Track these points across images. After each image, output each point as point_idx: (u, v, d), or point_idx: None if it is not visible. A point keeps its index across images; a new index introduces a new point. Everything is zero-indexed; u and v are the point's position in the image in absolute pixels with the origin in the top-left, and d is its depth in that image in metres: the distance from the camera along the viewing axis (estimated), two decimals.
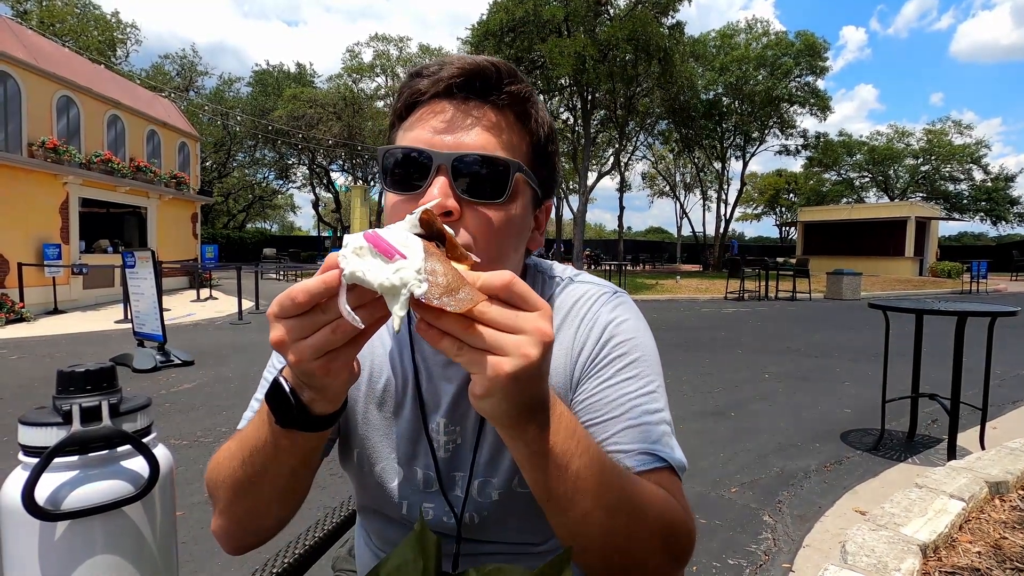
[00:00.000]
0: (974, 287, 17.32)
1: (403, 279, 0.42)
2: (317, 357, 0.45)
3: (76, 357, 6.19)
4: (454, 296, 0.42)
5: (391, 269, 0.42)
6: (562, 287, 0.73)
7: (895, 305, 3.24)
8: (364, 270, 0.43)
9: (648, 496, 0.56)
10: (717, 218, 32.51)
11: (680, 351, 6.59)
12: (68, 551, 0.47)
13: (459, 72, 0.58)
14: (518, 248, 0.65)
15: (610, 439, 0.62)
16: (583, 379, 0.67)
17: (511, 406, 0.45)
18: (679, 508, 0.60)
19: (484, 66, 0.58)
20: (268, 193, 41.21)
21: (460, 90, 0.58)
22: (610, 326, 0.68)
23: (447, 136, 0.58)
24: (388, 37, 33.62)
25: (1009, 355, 6.12)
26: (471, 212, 0.58)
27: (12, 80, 9.78)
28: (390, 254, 0.43)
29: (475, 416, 0.69)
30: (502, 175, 0.58)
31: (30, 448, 0.49)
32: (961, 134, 38.26)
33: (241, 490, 0.61)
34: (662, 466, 0.62)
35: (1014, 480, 2.32)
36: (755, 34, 29.74)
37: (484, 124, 0.58)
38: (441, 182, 0.56)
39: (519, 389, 0.44)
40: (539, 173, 0.65)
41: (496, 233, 0.59)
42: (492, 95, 0.59)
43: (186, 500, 2.63)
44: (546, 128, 0.64)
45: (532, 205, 0.66)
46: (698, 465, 3.14)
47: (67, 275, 10.69)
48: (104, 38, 28.39)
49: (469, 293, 0.42)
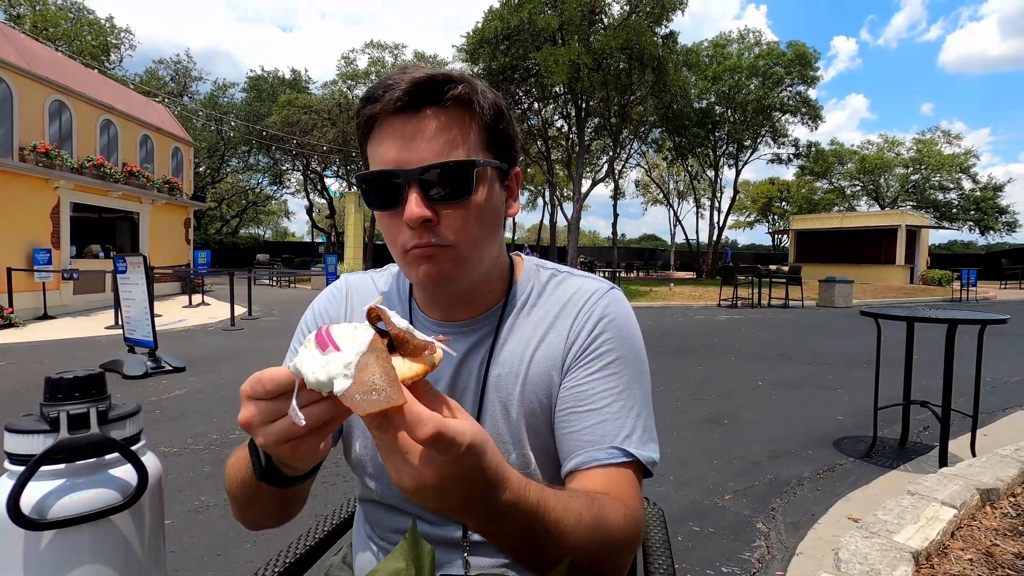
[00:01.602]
0: (964, 295, 17.48)
1: (329, 373, 0.42)
2: (282, 443, 0.47)
3: (66, 363, 6.12)
4: (369, 395, 0.41)
5: (321, 362, 0.43)
6: (560, 281, 0.79)
7: (886, 313, 3.26)
8: (302, 362, 0.44)
9: (606, 527, 0.60)
10: (710, 226, 32.70)
11: (674, 358, 6.60)
12: (54, 561, 0.47)
13: (405, 90, 0.62)
14: (496, 223, 0.70)
15: (586, 429, 0.68)
16: (572, 367, 0.72)
17: (434, 507, 0.47)
18: (628, 511, 0.63)
19: (423, 80, 0.63)
20: (262, 199, 41.05)
21: (409, 106, 0.63)
22: (602, 321, 0.73)
23: (409, 151, 0.63)
24: (383, 44, 33.69)
25: (999, 363, 6.16)
26: (447, 214, 0.64)
27: (4, 84, 9.73)
28: (324, 346, 0.44)
29: (474, 407, 0.73)
30: (464, 175, 0.64)
31: (16, 456, 0.48)
32: (951, 144, 38.76)
33: (239, 503, 0.67)
34: (628, 460, 0.67)
35: (1005, 487, 2.33)
36: (747, 44, 30.05)
37: (435, 131, 0.63)
38: (413, 197, 0.62)
39: (435, 496, 0.45)
40: (496, 150, 0.68)
41: (472, 224, 0.65)
42: (436, 102, 0.63)
43: (175, 508, 2.60)
44: (493, 109, 0.67)
45: (499, 181, 0.70)
46: (691, 472, 3.14)
47: (57, 280, 10.59)
48: (98, 43, 28.27)
49: (387, 395, 0.41)
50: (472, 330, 0.76)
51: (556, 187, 29.55)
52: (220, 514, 2.57)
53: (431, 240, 0.64)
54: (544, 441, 0.73)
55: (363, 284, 0.86)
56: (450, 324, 0.76)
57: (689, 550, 2.32)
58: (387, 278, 0.85)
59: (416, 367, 0.45)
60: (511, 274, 0.79)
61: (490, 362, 0.74)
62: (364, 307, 0.48)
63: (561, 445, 0.71)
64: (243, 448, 0.66)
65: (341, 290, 0.86)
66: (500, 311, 0.76)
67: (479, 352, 0.75)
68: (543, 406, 0.73)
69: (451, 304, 0.76)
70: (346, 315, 0.82)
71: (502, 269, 0.78)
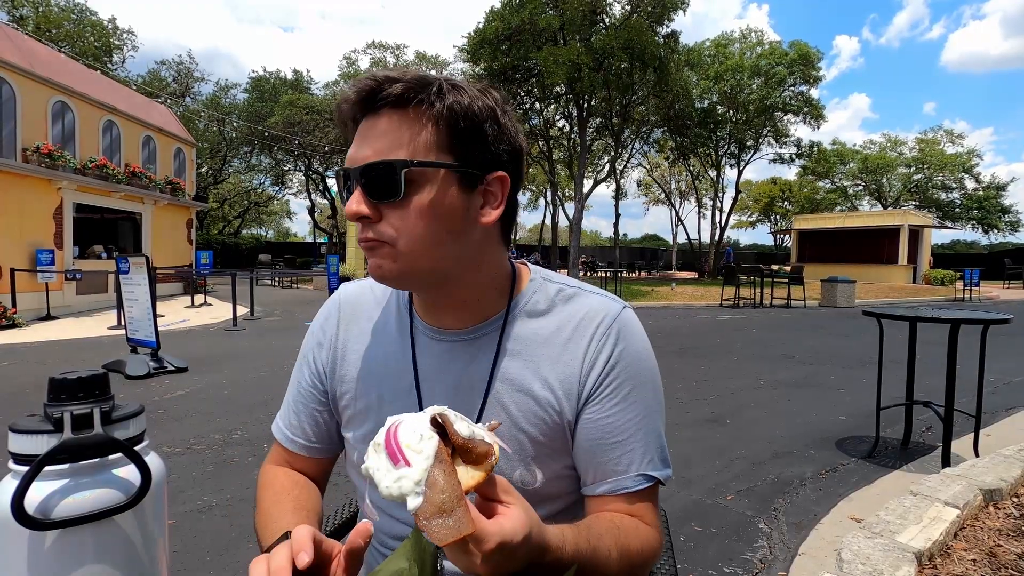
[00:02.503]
0: (967, 295, 17.43)
1: (401, 490, 0.45)
2: None
3: (68, 363, 6.14)
4: (442, 520, 0.45)
5: (393, 476, 0.46)
6: (569, 297, 0.78)
7: (889, 312, 3.25)
8: (375, 469, 0.48)
9: (634, 554, 0.68)
10: (712, 225, 32.66)
11: (676, 358, 6.60)
12: (58, 561, 0.47)
13: (352, 99, 0.67)
14: (453, 226, 0.67)
15: (613, 460, 0.72)
16: (592, 398, 0.73)
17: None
18: (650, 533, 0.72)
19: (366, 85, 0.66)
20: (264, 199, 41.12)
21: (360, 112, 0.67)
22: (617, 350, 0.74)
23: (359, 150, 0.66)
24: (385, 44, 33.77)
25: (1002, 363, 6.14)
26: (388, 212, 0.65)
27: (7, 85, 9.76)
28: (396, 459, 0.47)
29: (475, 416, 0.73)
30: (392, 176, 0.64)
31: (20, 456, 0.49)
32: (953, 143, 38.68)
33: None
34: (652, 484, 0.73)
35: (1008, 487, 2.33)
36: (749, 43, 30.03)
37: (381, 132, 0.65)
38: (356, 193, 0.66)
39: (501, 570, 0.50)
40: (460, 153, 0.66)
41: (412, 224, 0.65)
42: (376, 105, 0.66)
43: (177, 509, 2.61)
44: (458, 108, 0.65)
45: (460, 184, 0.67)
46: (694, 472, 3.14)
47: (60, 281, 10.61)
48: (100, 44, 28.34)
49: (457, 521, 0.45)
50: (471, 339, 0.75)
51: (558, 187, 29.54)
52: (222, 514, 2.57)
53: (369, 235, 0.66)
54: (550, 458, 0.73)
55: (357, 295, 0.86)
56: (449, 332, 0.75)
57: (691, 550, 2.31)
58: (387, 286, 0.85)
59: (477, 475, 0.49)
60: (513, 284, 0.77)
61: (493, 374, 0.73)
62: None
63: (586, 469, 0.74)
64: (273, 487, 0.80)
65: (333, 309, 0.86)
66: (502, 321, 0.75)
67: (481, 363, 0.74)
68: (554, 425, 0.72)
69: (443, 311, 0.75)
70: (338, 332, 0.83)
71: (499, 278, 0.76)
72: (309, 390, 0.84)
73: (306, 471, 0.85)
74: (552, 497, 0.75)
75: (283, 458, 0.86)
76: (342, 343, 0.82)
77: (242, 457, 3.29)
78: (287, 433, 0.85)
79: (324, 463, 0.87)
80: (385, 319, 0.81)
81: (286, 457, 0.86)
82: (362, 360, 0.80)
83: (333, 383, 0.82)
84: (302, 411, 0.84)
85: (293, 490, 0.79)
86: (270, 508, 0.76)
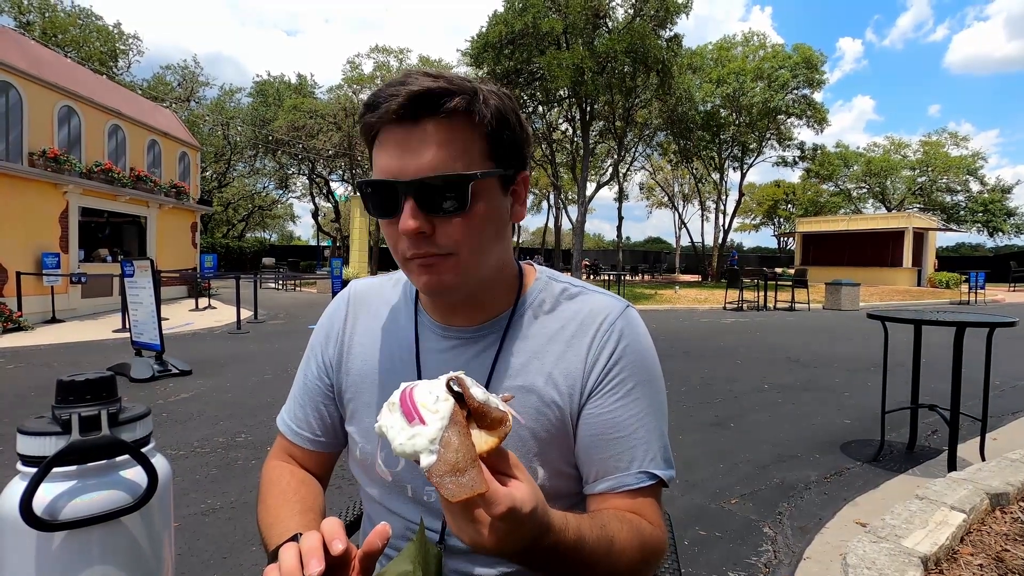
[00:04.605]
0: (972, 297, 17.34)
1: (415, 447, 0.45)
2: None
3: (74, 366, 6.16)
4: (456, 478, 0.45)
5: (407, 434, 0.46)
6: (573, 296, 0.79)
7: (894, 315, 3.23)
8: (388, 427, 0.48)
9: (636, 549, 0.67)
10: (716, 228, 32.61)
11: (679, 361, 6.58)
12: (65, 561, 0.47)
13: (401, 104, 0.62)
14: (500, 230, 0.70)
15: (614, 456, 0.72)
16: (595, 393, 0.73)
17: (483, 554, 0.52)
18: (654, 531, 0.70)
19: (421, 92, 0.62)
20: (268, 203, 41.26)
21: (408, 116, 0.63)
22: (620, 346, 0.74)
23: (407, 161, 0.63)
24: (388, 48, 33.85)
25: (1008, 366, 6.11)
26: (442, 225, 0.64)
27: (14, 90, 9.82)
28: (411, 417, 0.47)
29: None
30: (461, 189, 0.63)
31: (28, 458, 0.49)
32: (958, 146, 38.55)
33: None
34: (654, 483, 0.72)
35: (1015, 492, 2.31)
36: (752, 47, 30.01)
37: (435, 142, 0.62)
38: (409, 207, 0.62)
39: (489, 551, 0.50)
40: (501, 157, 0.67)
41: (470, 236, 0.65)
42: (435, 112, 0.63)
43: (181, 511, 2.61)
44: (496, 117, 0.65)
45: (502, 189, 0.69)
46: (698, 476, 3.12)
47: (66, 284, 10.67)
48: (106, 49, 28.55)
49: (471, 480, 0.45)
50: (478, 337, 0.76)
51: (561, 190, 29.57)
52: (226, 517, 2.57)
53: (429, 250, 0.64)
54: (552, 455, 0.74)
55: (367, 292, 0.87)
56: (455, 329, 0.76)
57: (696, 554, 2.30)
58: (395, 284, 0.85)
59: (491, 440, 0.48)
60: (520, 282, 0.79)
61: (494, 371, 0.74)
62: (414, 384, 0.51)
63: (588, 466, 0.74)
64: (274, 491, 0.79)
65: (342, 304, 0.87)
66: (507, 319, 0.76)
67: (484, 360, 0.75)
68: (556, 421, 0.73)
69: (455, 310, 0.76)
70: (345, 326, 0.84)
71: (509, 277, 0.77)
72: (315, 383, 0.84)
73: (309, 466, 0.86)
74: (553, 496, 0.75)
75: (287, 452, 0.86)
76: (349, 337, 0.83)
77: (246, 460, 3.30)
78: (292, 426, 0.85)
79: (328, 458, 0.87)
80: (393, 316, 0.82)
81: (290, 451, 0.86)
82: (368, 355, 0.81)
83: (339, 376, 0.83)
84: (308, 404, 0.84)
85: (300, 489, 0.79)
86: (277, 507, 0.76)
